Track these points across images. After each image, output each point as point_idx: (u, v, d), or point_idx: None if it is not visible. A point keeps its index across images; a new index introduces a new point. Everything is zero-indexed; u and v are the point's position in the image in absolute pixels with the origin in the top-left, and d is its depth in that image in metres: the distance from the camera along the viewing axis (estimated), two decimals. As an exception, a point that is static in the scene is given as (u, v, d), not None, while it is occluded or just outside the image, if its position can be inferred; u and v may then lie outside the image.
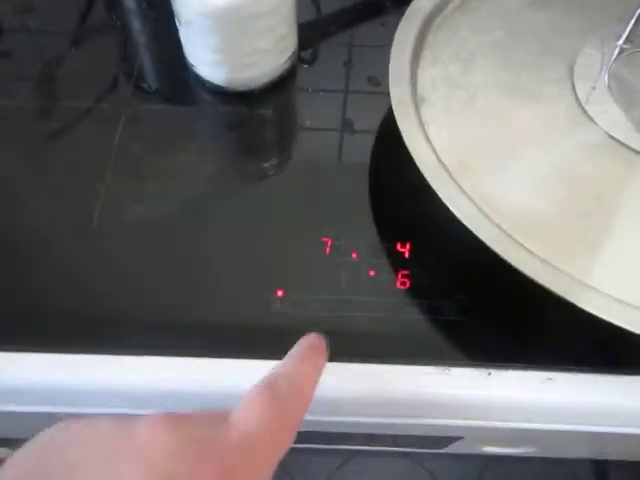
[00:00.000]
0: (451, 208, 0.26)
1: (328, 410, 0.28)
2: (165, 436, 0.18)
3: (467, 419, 0.30)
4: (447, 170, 0.28)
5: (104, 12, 0.42)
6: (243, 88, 0.35)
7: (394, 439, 0.38)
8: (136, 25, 0.41)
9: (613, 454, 0.43)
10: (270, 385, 0.21)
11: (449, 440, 0.36)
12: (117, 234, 0.31)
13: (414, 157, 0.28)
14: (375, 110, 0.36)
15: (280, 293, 0.29)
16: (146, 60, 0.39)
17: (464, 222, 0.25)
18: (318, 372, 0.23)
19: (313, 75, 0.39)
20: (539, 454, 0.41)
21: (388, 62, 0.32)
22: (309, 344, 0.23)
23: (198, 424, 0.19)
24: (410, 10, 0.34)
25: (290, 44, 0.35)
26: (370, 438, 0.38)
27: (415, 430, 0.33)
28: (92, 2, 0.42)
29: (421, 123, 0.30)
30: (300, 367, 0.22)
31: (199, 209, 0.32)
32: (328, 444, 0.40)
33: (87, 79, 0.38)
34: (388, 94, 0.31)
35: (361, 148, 0.35)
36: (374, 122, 0.36)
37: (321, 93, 0.37)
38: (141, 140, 0.35)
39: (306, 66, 0.39)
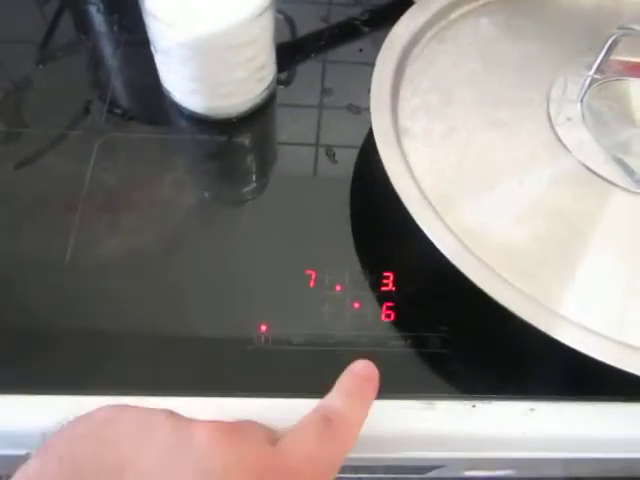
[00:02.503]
0: (437, 245, 0.26)
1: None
2: (226, 451, 0.18)
3: (452, 451, 0.30)
4: (430, 203, 0.28)
5: (72, 32, 0.41)
6: (221, 116, 0.35)
7: (372, 469, 0.37)
8: (107, 48, 0.40)
9: (591, 474, 0.44)
10: (323, 418, 0.21)
11: (430, 468, 0.36)
12: (90, 269, 0.30)
13: (397, 191, 0.28)
14: (355, 137, 0.36)
15: (263, 328, 0.29)
16: (119, 85, 0.38)
17: (450, 259, 0.25)
18: (370, 406, 0.22)
19: (292, 100, 0.38)
20: (516, 475, 0.41)
21: (367, 89, 0.32)
22: (362, 376, 0.23)
23: (253, 441, 0.19)
24: (388, 41, 0.34)
25: (269, 73, 0.35)
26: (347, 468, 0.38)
27: (396, 462, 0.33)
28: (57, 22, 0.41)
29: (403, 155, 0.30)
30: (353, 404, 0.22)
31: (177, 242, 0.31)
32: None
33: (57, 104, 0.36)
34: (368, 121, 0.31)
35: (342, 176, 0.35)
36: (355, 150, 0.36)
37: (301, 121, 0.37)
38: (115, 169, 0.34)
39: (283, 87, 0.39)
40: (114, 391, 0.26)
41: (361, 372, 0.23)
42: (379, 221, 0.33)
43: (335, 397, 0.22)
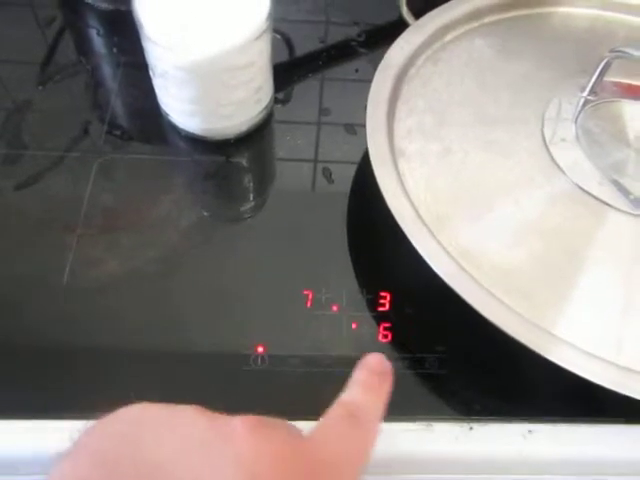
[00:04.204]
0: (432, 265, 0.26)
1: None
2: (266, 445, 0.18)
3: (449, 473, 0.29)
4: (425, 224, 0.28)
5: (72, 55, 0.42)
6: (219, 137, 0.35)
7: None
8: (106, 70, 0.40)
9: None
10: (348, 414, 0.21)
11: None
12: (88, 290, 0.30)
13: (393, 212, 0.28)
14: (353, 155, 0.36)
15: (260, 349, 0.29)
16: (118, 106, 0.38)
17: (445, 280, 0.25)
18: (386, 398, 0.23)
19: (289, 119, 0.39)
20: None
21: (363, 109, 0.32)
22: (377, 371, 0.24)
23: (289, 436, 0.19)
24: (383, 63, 0.34)
25: (266, 94, 0.35)
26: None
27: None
28: (58, 44, 0.42)
29: (399, 175, 0.30)
30: (372, 398, 0.22)
31: (175, 262, 0.32)
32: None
33: (57, 125, 0.37)
34: (365, 141, 0.31)
35: (340, 195, 0.35)
36: (351, 170, 0.36)
37: (298, 140, 0.37)
38: (114, 190, 0.34)
39: (280, 105, 0.39)
40: (113, 410, 0.26)
41: (376, 367, 0.24)
42: (376, 241, 0.33)
43: (354, 393, 0.23)
